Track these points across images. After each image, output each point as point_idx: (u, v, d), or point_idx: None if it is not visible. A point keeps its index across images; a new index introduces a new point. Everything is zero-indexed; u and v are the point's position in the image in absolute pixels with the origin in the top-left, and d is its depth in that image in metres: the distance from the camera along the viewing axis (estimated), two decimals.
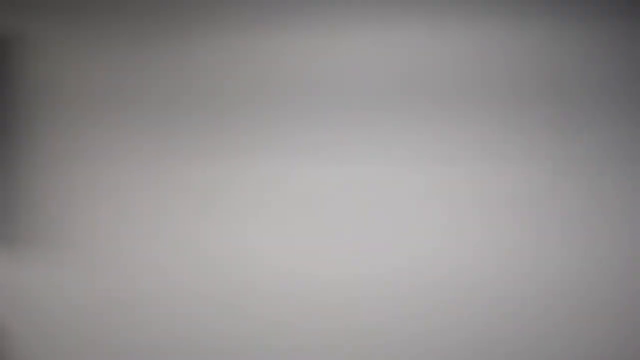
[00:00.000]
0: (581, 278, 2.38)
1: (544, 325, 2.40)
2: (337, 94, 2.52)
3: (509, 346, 2.43)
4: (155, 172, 2.63)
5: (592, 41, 2.36)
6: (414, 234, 2.47)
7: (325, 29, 2.52)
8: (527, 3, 2.39)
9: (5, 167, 2.68)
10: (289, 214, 2.56)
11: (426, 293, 2.47)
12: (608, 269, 2.36)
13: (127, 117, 2.64)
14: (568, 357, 2.39)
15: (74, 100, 2.67)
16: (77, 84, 2.66)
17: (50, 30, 2.66)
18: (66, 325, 2.66)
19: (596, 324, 2.36)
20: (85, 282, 2.65)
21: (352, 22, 2.50)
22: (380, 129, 2.48)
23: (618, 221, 2.35)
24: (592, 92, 2.36)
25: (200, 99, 2.60)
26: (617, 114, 2.35)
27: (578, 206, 2.38)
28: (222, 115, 2.59)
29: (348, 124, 2.51)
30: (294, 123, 2.54)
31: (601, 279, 2.37)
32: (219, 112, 2.59)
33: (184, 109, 2.61)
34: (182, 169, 2.61)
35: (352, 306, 2.52)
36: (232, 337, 2.59)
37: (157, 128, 2.62)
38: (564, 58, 2.38)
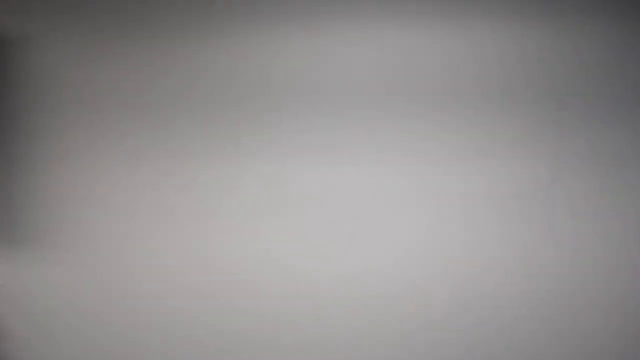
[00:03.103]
0: (571, 276, 2.38)
1: (537, 321, 2.41)
2: (334, 96, 2.51)
3: (502, 343, 2.44)
4: (156, 172, 2.62)
5: (591, 42, 2.36)
6: (411, 233, 2.47)
7: (323, 30, 2.52)
8: (525, 2, 2.39)
9: (5, 167, 2.68)
10: (284, 213, 2.56)
11: (423, 290, 2.46)
12: (600, 267, 2.36)
13: (128, 117, 2.63)
14: (563, 353, 2.41)
15: (75, 100, 2.66)
16: (78, 84, 2.65)
17: (51, 30, 2.66)
18: (66, 325, 2.65)
19: (590, 321, 2.37)
20: (85, 282, 2.64)
21: (349, 23, 2.50)
22: (376, 130, 2.48)
23: (613, 221, 2.35)
24: (589, 93, 2.37)
25: (201, 99, 2.60)
26: (615, 115, 2.35)
27: (570, 207, 2.38)
28: (222, 116, 2.59)
29: (344, 125, 2.51)
30: (291, 124, 2.54)
31: (593, 277, 2.37)
32: (219, 113, 2.59)
33: (184, 110, 2.61)
34: (183, 169, 2.61)
35: (352, 304, 2.52)
36: (233, 335, 2.59)
37: (158, 128, 2.61)
38: (561, 59, 2.38)
